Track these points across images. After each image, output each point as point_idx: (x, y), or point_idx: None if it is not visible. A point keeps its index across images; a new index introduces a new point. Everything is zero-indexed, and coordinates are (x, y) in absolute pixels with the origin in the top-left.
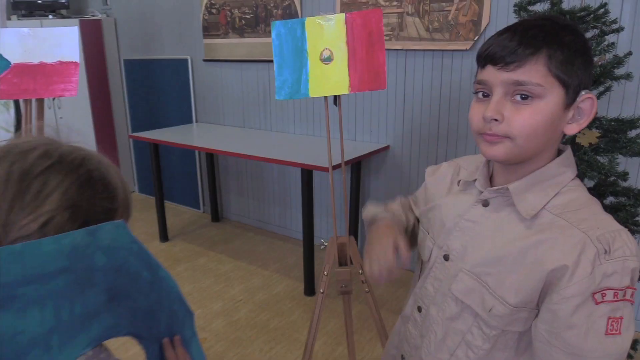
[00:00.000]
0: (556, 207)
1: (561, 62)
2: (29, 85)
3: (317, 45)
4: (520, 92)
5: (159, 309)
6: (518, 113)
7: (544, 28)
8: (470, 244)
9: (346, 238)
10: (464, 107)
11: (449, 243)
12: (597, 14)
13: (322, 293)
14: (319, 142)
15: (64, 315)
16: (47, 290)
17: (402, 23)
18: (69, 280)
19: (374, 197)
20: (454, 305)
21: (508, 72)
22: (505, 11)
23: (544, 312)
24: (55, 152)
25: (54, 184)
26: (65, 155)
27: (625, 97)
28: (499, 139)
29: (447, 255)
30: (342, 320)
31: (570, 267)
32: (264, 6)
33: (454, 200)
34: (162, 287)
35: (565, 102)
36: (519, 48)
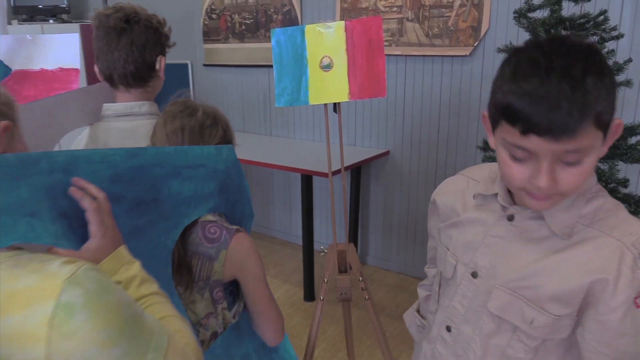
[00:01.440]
0: (586, 218)
1: (604, 111)
2: (30, 91)
3: (316, 52)
4: (572, 159)
5: (239, 204)
6: (569, 174)
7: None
8: (499, 259)
9: (346, 245)
10: (463, 113)
11: (476, 260)
12: (596, 21)
13: (322, 300)
14: (319, 147)
15: (198, 191)
16: (194, 174)
17: (402, 29)
18: (205, 172)
19: (373, 203)
20: (491, 321)
21: (558, 142)
22: (505, 17)
23: (591, 323)
24: (209, 111)
25: (215, 132)
26: (213, 113)
27: (624, 104)
28: (549, 197)
29: (475, 273)
30: (341, 326)
31: (613, 278)
32: (264, 11)
33: (474, 216)
34: (244, 190)
35: (604, 138)
36: (570, 120)
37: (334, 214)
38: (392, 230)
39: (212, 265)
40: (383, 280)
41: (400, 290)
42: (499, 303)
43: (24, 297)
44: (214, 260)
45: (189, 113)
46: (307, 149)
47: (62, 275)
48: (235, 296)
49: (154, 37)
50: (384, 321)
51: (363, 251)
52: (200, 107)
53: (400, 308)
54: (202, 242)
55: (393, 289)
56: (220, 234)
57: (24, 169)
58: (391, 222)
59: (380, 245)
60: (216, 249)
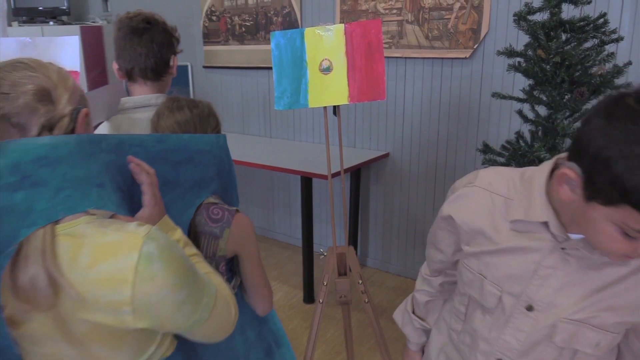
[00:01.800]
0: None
1: None
2: None
3: (316, 55)
4: None
5: (230, 189)
6: None
7: None
8: (559, 292)
9: (345, 248)
10: (463, 115)
11: (530, 293)
12: (596, 23)
13: (321, 303)
14: (319, 148)
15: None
16: (202, 159)
17: (401, 31)
18: (209, 158)
19: (373, 205)
20: (553, 351)
21: None
22: (504, 19)
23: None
24: (205, 103)
25: (213, 121)
26: (207, 104)
27: None
28: None
29: (530, 307)
30: (341, 329)
31: None
32: (264, 13)
33: (516, 245)
34: (233, 177)
35: None
36: None
37: (333, 216)
38: (392, 233)
39: (217, 243)
40: (383, 283)
41: (400, 292)
42: (566, 336)
43: (113, 249)
44: (219, 238)
45: (194, 105)
46: (307, 150)
47: (141, 232)
48: (234, 272)
49: (169, 38)
50: (383, 324)
51: (363, 253)
52: (197, 100)
53: None
54: (207, 223)
55: (393, 291)
56: (222, 214)
57: (92, 147)
58: (391, 224)
59: (380, 248)
60: (220, 228)
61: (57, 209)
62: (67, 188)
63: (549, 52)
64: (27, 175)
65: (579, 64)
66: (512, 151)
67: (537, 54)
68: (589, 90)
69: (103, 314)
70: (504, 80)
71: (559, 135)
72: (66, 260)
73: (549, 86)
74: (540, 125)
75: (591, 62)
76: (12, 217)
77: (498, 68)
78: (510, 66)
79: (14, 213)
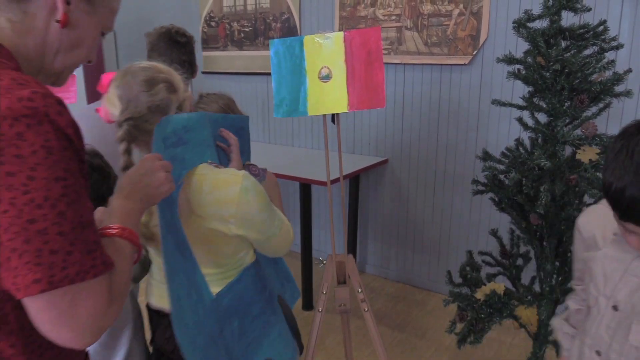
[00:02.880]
0: None
1: None
2: None
3: (315, 63)
4: None
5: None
6: None
7: None
8: (637, 295)
9: (345, 256)
10: (462, 122)
11: (617, 295)
12: (596, 31)
13: (320, 312)
14: (317, 154)
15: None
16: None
17: (400, 37)
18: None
19: (372, 211)
20: (635, 351)
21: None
22: (503, 26)
23: None
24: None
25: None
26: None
27: (624, 114)
28: None
29: (616, 306)
30: (340, 336)
31: None
32: (263, 19)
33: (611, 253)
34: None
35: None
36: None
37: (332, 225)
38: (391, 239)
39: None
40: (382, 289)
41: (399, 299)
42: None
43: (224, 182)
44: None
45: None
46: (306, 157)
47: (240, 174)
48: None
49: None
50: (383, 331)
51: (362, 260)
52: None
53: (400, 318)
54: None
55: (392, 298)
56: (259, 171)
57: (204, 120)
58: (390, 230)
59: (379, 254)
60: (259, 179)
61: (194, 159)
62: (197, 146)
63: (548, 60)
64: (179, 137)
65: (579, 72)
66: (512, 158)
67: (537, 61)
68: (589, 98)
69: (217, 223)
70: (503, 87)
71: (559, 143)
72: (196, 189)
73: (549, 93)
74: (540, 132)
75: (591, 70)
76: (177, 164)
77: (497, 74)
78: (510, 73)
79: (177, 161)
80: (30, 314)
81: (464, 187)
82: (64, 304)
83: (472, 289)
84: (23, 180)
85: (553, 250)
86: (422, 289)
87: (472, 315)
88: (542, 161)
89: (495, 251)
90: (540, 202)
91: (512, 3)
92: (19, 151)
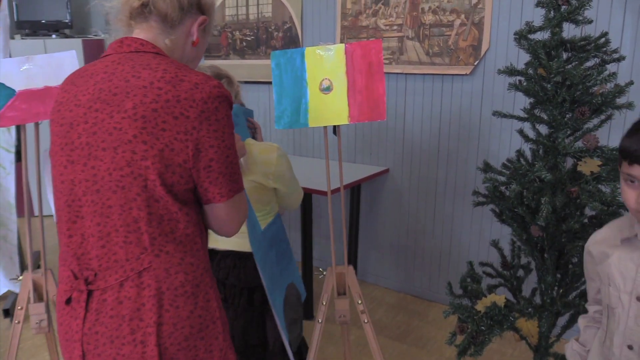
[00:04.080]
0: None
1: None
2: (39, 108)
3: (316, 75)
4: None
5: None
6: None
7: None
8: None
9: (345, 267)
10: (464, 132)
11: (638, 288)
12: (597, 43)
13: (320, 323)
14: (318, 163)
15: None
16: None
17: (402, 47)
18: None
19: (373, 220)
20: None
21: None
22: (505, 36)
23: None
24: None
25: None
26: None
27: (626, 125)
28: None
29: (638, 297)
30: (339, 346)
31: None
32: (265, 28)
33: (623, 255)
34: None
35: None
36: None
37: (332, 236)
38: (392, 249)
39: None
40: (382, 299)
41: (400, 309)
42: None
43: (266, 149)
44: None
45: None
46: (307, 166)
47: (275, 144)
48: None
49: None
50: (383, 342)
51: (362, 269)
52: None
53: (400, 328)
54: None
55: (392, 308)
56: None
57: (240, 110)
58: (390, 240)
59: (380, 264)
60: None
61: (243, 135)
62: (242, 127)
63: (550, 72)
64: (237, 121)
65: (580, 84)
66: (512, 170)
67: (538, 72)
68: (590, 110)
69: (260, 177)
70: (504, 97)
71: (560, 155)
72: (248, 153)
73: (550, 105)
74: (541, 144)
75: (592, 82)
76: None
77: (499, 85)
78: (511, 85)
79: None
80: (213, 214)
81: (465, 197)
82: (238, 204)
83: (472, 301)
84: (220, 134)
85: (554, 262)
86: (422, 299)
87: (473, 327)
88: (543, 173)
89: (495, 261)
90: (541, 214)
91: (513, 14)
92: (217, 116)
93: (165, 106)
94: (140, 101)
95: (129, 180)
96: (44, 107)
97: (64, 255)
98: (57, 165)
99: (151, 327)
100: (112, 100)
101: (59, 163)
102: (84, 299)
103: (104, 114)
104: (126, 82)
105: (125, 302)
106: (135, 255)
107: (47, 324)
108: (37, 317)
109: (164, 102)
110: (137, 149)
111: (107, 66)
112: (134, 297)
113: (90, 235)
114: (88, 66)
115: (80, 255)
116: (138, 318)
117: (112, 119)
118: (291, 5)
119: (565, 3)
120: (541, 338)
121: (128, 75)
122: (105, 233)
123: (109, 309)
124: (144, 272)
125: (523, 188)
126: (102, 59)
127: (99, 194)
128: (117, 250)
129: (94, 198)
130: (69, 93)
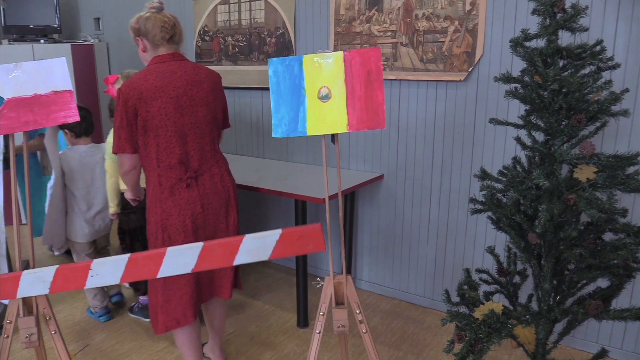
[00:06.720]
0: None
1: None
2: (29, 117)
3: (314, 82)
4: None
5: None
6: None
7: None
8: None
9: (343, 277)
10: (458, 138)
11: None
12: (593, 50)
13: (319, 333)
14: (313, 170)
15: None
16: None
17: (396, 53)
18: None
19: (367, 227)
20: None
21: None
22: (499, 43)
23: None
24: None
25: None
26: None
27: (619, 133)
28: None
29: None
30: (336, 354)
31: None
32: (258, 34)
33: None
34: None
35: None
36: None
37: (330, 245)
38: (386, 255)
39: None
40: (377, 306)
41: (395, 316)
42: None
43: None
44: None
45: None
46: (301, 172)
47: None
48: None
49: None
50: (379, 349)
51: (357, 276)
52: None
53: (396, 335)
54: None
55: (388, 315)
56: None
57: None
58: (385, 246)
59: (374, 270)
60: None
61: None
62: None
63: (546, 79)
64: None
65: (576, 91)
66: (509, 177)
67: (535, 80)
68: (587, 117)
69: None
70: (498, 104)
71: (557, 162)
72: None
73: (546, 112)
74: (537, 151)
75: (589, 89)
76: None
77: (493, 91)
78: (508, 92)
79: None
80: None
81: (460, 203)
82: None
83: (470, 308)
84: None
85: (551, 269)
86: (417, 305)
87: (471, 335)
88: (541, 181)
89: (491, 267)
90: (539, 222)
91: (507, 20)
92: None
93: (216, 83)
94: (208, 83)
95: (211, 121)
96: (33, 115)
97: (170, 165)
98: (172, 117)
99: (228, 182)
100: (197, 83)
101: (174, 115)
102: (194, 181)
103: (194, 89)
104: (197, 74)
105: (214, 176)
106: (212, 155)
107: (37, 337)
108: (26, 331)
109: (214, 82)
110: (213, 105)
111: (179, 67)
112: (217, 172)
113: (192, 150)
114: (162, 68)
115: (186, 161)
116: (222, 180)
117: (200, 92)
118: (284, 11)
119: (561, 11)
120: (538, 345)
121: (194, 71)
122: (200, 148)
123: (207, 181)
124: (216, 163)
125: (520, 195)
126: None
127: (198, 128)
128: (206, 154)
129: (195, 131)
130: (163, 81)
